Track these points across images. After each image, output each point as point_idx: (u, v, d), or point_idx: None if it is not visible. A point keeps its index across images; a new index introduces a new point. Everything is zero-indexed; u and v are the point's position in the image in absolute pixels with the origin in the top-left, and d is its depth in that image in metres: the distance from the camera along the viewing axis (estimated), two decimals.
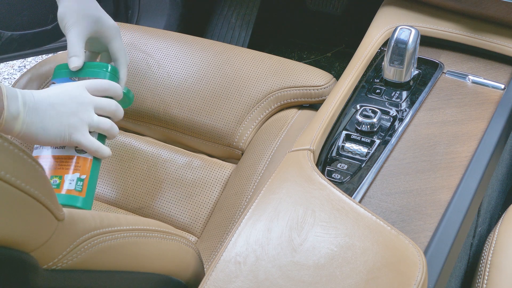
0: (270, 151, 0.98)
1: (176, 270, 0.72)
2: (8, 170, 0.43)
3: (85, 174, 0.79)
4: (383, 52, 0.97)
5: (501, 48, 0.92)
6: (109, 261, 0.60)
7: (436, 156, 0.80)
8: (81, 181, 0.79)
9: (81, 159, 0.80)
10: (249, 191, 0.94)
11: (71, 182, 0.79)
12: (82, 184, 0.79)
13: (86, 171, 0.80)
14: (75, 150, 0.81)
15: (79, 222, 0.56)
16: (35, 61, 2.12)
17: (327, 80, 1.05)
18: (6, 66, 2.15)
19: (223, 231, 0.92)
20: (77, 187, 0.78)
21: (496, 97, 0.87)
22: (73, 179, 0.79)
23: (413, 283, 0.61)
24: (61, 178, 0.79)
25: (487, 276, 0.77)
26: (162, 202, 1.00)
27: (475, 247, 0.95)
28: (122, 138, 1.08)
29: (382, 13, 1.03)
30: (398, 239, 0.66)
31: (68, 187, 0.79)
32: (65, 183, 0.79)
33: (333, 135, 0.85)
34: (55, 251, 0.52)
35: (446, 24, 0.97)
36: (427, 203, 0.74)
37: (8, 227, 0.44)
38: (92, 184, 0.80)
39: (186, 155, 1.05)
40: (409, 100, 0.88)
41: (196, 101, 1.06)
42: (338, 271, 0.63)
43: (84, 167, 0.80)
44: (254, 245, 0.66)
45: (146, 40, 1.14)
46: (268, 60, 1.08)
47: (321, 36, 1.85)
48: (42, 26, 1.42)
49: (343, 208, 0.69)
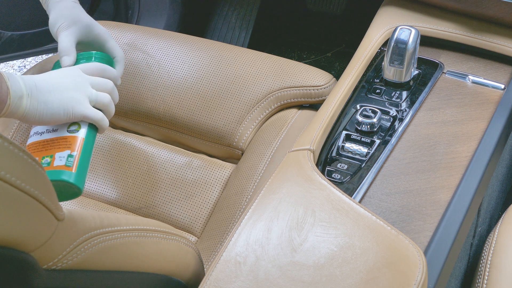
0: (270, 151, 0.98)
1: (176, 270, 0.72)
2: (8, 170, 0.43)
3: (76, 151, 0.80)
4: (383, 52, 0.97)
5: (501, 48, 0.92)
6: (109, 261, 0.60)
7: (436, 156, 0.80)
8: (72, 157, 0.79)
9: (72, 138, 0.81)
10: (249, 191, 0.94)
11: (61, 158, 0.79)
12: (72, 160, 0.79)
13: (77, 149, 0.80)
14: (67, 131, 0.81)
15: (79, 222, 0.56)
16: (35, 61, 2.12)
17: (327, 80, 1.05)
18: (6, 66, 2.15)
19: (223, 231, 0.92)
20: (67, 162, 0.78)
21: (496, 97, 0.87)
22: (63, 155, 0.79)
23: (413, 283, 0.61)
24: (52, 156, 0.80)
25: (487, 276, 0.77)
26: (162, 202, 1.00)
27: (475, 247, 0.95)
28: (122, 138, 1.08)
29: (382, 13, 1.03)
30: (398, 239, 0.66)
31: (58, 163, 0.79)
32: (55, 160, 0.79)
33: (333, 135, 0.85)
34: (55, 251, 0.52)
35: (446, 24, 0.97)
36: (427, 203, 0.74)
37: (8, 227, 0.45)
38: (83, 162, 0.80)
39: (186, 155, 1.05)
40: (409, 100, 0.88)
41: (196, 101, 1.06)
42: (338, 271, 0.63)
43: (74, 144, 0.80)
44: (254, 245, 0.66)
45: (146, 40, 1.14)
46: (268, 60, 1.08)
47: (321, 36, 1.85)
48: (42, 26, 1.42)
49: (343, 208, 0.69)
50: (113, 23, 1.20)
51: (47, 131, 0.82)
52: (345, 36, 1.81)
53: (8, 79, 0.72)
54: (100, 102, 0.82)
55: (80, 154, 0.80)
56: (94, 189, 1.04)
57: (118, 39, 1.15)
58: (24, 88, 0.73)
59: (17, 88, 0.72)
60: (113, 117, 1.11)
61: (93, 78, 0.82)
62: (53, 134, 0.82)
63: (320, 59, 1.82)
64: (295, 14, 1.83)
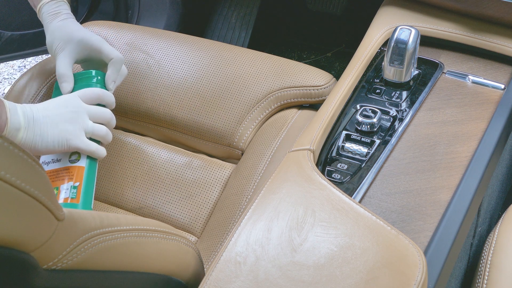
0: (270, 151, 0.98)
1: (176, 270, 0.72)
2: (8, 170, 0.43)
3: (79, 181, 0.83)
4: (383, 52, 0.97)
5: (501, 48, 0.92)
6: (109, 261, 0.60)
7: (436, 156, 0.80)
8: (75, 188, 0.82)
9: (74, 168, 0.84)
10: (249, 191, 0.94)
11: (66, 191, 0.82)
12: (76, 191, 0.82)
13: (79, 179, 0.83)
14: (68, 161, 0.85)
15: (79, 222, 0.56)
16: (35, 61, 2.12)
17: (327, 80, 1.05)
18: (6, 66, 2.15)
19: (223, 231, 0.92)
20: (71, 194, 0.82)
21: (496, 97, 0.87)
22: (67, 187, 0.83)
23: (413, 283, 0.61)
24: (57, 189, 0.83)
25: (487, 276, 0.77)
26: (162, 202, 1.00)
27: (475, 247, 0.95)
28: (122, 138, 1.08)
29: (382, 13, 1.03)
30: (398, 239, 0.66)
31: (64, 196, 0.82)
32: (61, 193, 0.82)
33: (333, 135, 0.85)
34: (55, 251, 0.52)
35: (446, 24, 0.97)
36: (427, 203, 0.74)
37: (8, 227, 0.45)
38: (87, 190, 0.83)
39: (186, 155, 1.05)
40: (409, 100, 0.88)
41: (196, 101, 1.06)
42: (338, 271, 0.63)
43: (77, 175, 0.84)
44: (254, 245, 0.66)
45: (146, 40, 1.14)
46: (268, 60, 1.08)
47: (321, 36, 1.85)
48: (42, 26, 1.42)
49: (343, 208, 0.69)
50: (113, 23, 1.20)
51: (52, 161, 0.86)
52: (345, 36, 1.81)
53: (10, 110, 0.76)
54: (96, 135, 0.86)
55: (84, 184, 0.83)
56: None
57: (118, 39, 1.15)
58: (22, 121, 0.77)
59: (15, 120, 0.76)
60: None
61: (91, 108, 0.86)
62: (57, 165, 0.85)
63: (320, 59, 1.82)
64: (295, 14, 1.83)
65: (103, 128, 0.86)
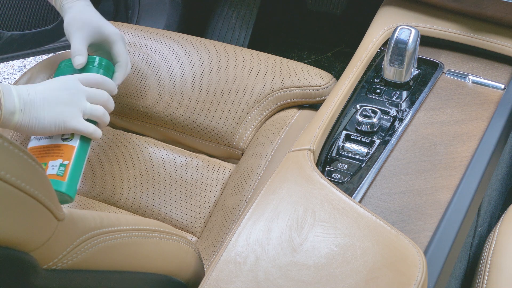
0: (270, 151, 0.98)
1: (176, 270, 0.72)
2: (8, 170, 0.43)
3: (68, 160, 0.83)
4: (383, 52, 0.97)
5: (501, 48, 0.92)
6: (109, 261, 0.60)
7: (436, 156, 0.80)
8: (63, 166, 0.82)
9: (65, 146, 0.84)
10: (249, 191, 0.94)
11: (54, 167, 0.82)
12: (64, 169, 0.82)
13: (69, 158, 0.83)
14: (61, 138, 0.84)
15: (79, 222, 0.56)
16: (35, 61, 2.12)
17: (327, 80, 1.05)
18: (6, 66, 2.15)
19: (223, 231, 0.92)
20: (58, 171, 0.81)
21: (496, 97, 0.87)
22: (55, 164, 0.82)
23: (413, 283, 0.61)
24: (45, 164, 0.83)
25: (487, 276, 0.77)
26: (162, 202, 1.00)
27: (475, 247, 0.95)
28: (122, 138, 1.08)
29: (382, 13, 1.03)
30: (398, 239, 0.66)
31: (50, 172, 0.82)
32: (48, 168, 0.82)
33: (333, 135, 0.85)
34: (55, 251, 0.52)
35: (446, 24, 0.97)
36: (427, 203, 0.74)
37: (8, 227, 0.45)
38: (75, 170, 0.83)
39: (186, 155, 1.05)
40: (409, 100, 0.88)
41: (196, 101, 1.06)
42: (338, 271, 0.63)
43: (67, 153, 0.83)
44: (254, 245, 0.66)
45: (146, 40, 1.14)
46: (268, 60, 1.08)
47: (321, 36, 1.85)
48: (42, 26, 1.42)
49: (343, 208, 0.69)
50: (113, 23, 1.19)
51: (44, 137, 0.86)
52: (345, 36, 1.81)
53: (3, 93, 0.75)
54: (94, 115, 0.85)
55: (72, 163, 0.83)
56: (94, 189, 1.04)
57: None
58: (17, 104, 0.77)
59: (10, 104, 0.76)
60: (113, 117, 1.11)
61: (89, 90, 0.86)
62: (49, 141, 0.85)
63: (320, 59, 1.82)
64: (295, 14, 1.83)
65: (101, 109, 0.86)
